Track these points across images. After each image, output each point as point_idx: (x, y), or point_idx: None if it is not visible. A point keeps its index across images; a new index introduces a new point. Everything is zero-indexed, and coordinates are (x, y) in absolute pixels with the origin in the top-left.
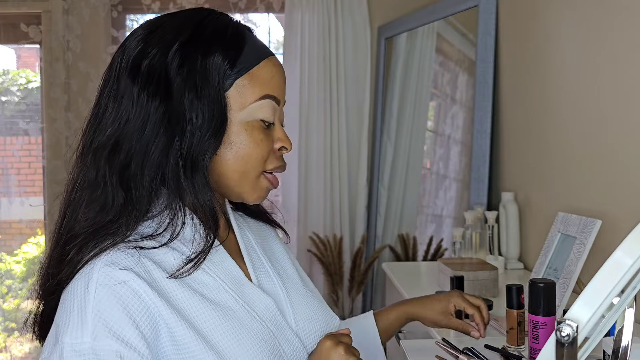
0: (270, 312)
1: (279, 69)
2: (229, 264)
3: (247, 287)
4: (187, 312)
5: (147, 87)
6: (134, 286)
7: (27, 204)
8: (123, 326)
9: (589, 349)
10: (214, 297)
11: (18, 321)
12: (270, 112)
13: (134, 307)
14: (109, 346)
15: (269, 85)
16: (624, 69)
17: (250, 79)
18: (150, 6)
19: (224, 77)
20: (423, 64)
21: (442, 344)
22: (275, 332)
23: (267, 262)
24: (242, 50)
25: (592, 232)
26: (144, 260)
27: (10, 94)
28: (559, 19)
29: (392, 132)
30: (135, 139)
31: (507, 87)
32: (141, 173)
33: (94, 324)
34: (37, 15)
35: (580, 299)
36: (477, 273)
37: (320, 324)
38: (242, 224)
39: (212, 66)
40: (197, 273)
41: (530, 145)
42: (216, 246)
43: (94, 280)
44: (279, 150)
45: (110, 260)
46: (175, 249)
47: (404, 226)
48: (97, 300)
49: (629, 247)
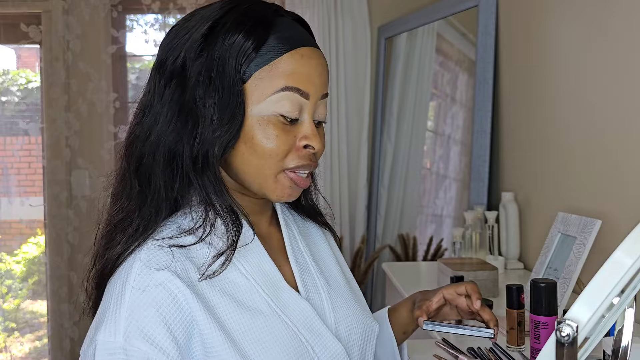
0: (306, 318)
1: (309, 60)
2: (267, 265)
3: (283, 290)
4: (219, 313)
5: (166, 79)
6: (170, 287)
7: (27, 204)
8: (155, 329)
9: (589, 349)
10: (245, 300)
11: (18, 321)
12: (292, 106)
13: (168, 310)
14: (139, 348)
15: (291, 78)
16: (624, 69)
17: (269, 70)
18: (150, 6)
19: (242, 69)
20: (423, 64)
21: (441, 344)
22: (309, 338)
23: (312, 263)
24: (265, 41)
25: (592, 232)
26: (181, 258)
27: (10, 94)
28: (559, 19)
29: (392, 132)
30: (152, 131)
31: (507, 87)
32: (154, 165)
33: (126, 324)
34: (37, 15)
35: (580, 299)
36: (477, 273)
37: (361, 329)
38: (290, 221)
39: (229, 57)
40: (232, 273)
41: (531, 145)
42: (250, 244)
43: (130, 282)
44: (305, 148)
45: (148, 259)
46: (211, 244)
47: (404, 226)
48: (132, 301)
49: (629, 247)
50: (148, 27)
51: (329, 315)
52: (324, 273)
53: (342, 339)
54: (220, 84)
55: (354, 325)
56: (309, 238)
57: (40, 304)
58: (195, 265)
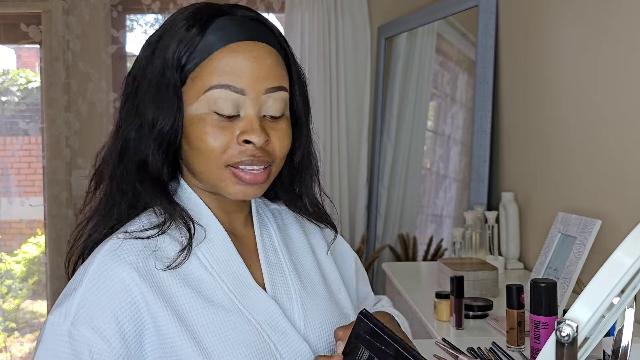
0: (271, 316)
1: (243, 54)
2: (235, 263)
3: (250, 288)
4: (181, 306)
5: (126, 90)
6: (126, 280)
7: (27, 204)
8: (104, 319)
9: (589, 349)
10: (210, 295)
11: (18, 321)
12: (224, 103)
13: (121, 303)
14: (84, 334)
15: (221, 74)
16: (624, 69)
17: (202, 69)
18: (150, 6)
19: (178, 71)
20: (423, 64)
21: (442, 344)
22: (272, 336)
23: (288, 263)
24: (200, 41)
25: (592, 232)
26: (145, 250)
27: (10, 94)
28: (559, 19)
29: (392, 132)
30: (112, 137)
31: (507, 87)
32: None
33: (77, 309)
34: (37, 15)
35: (580, 299)
36: (477, 273)
37: (331, 329)
38: (270, 222)
39: (167, 61)
40: (197, 270)
41: (531, 145)
42: (219, 241)
43: (90, 270)
44: (246, 144)
45: (112, 248)
46: (176, 240)
47: (404, 226)
48: (87, 289)
49: (629, 247)
50: (148, 27)
51: (298, 316)
52: (299, 275)
53: (311, 340)
54: (158, 90)
55: (326, 327)
56: (291, 239)
57: (40, 304)
58: (159, 257)
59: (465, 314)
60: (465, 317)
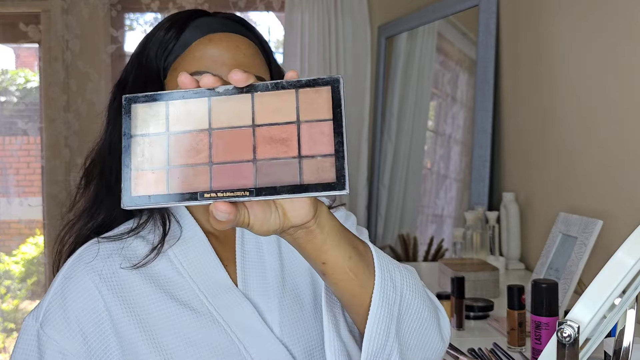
0: (243, 317)
1: (219, 43)
2: (210, 263)
3: (225, 290)
4: (145, 307)
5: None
6: (88, 286)
7: (25, 204)
8: (68, 323)
9: (590, 350)
10: (179, 296)
11: (17, 321)
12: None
13: (82, 306)
14: (49, 335)
15: (199, 62)
16: (625, 69)
17: (182, 60)
18: (150, 5)
19: (161, 65)
20: (423, 64)
21: None
22: (242, 337)
23: (274, 262)
24: (180, 36)
25: (594, 232)
26: (112, 254)
27: (8, 93)
28: (560, 18)
29: (392, 132)
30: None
31: (508, 87)
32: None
33: (45, 311)
34: (36, 14)
35: (582, 299)
36: (477, 274)
37: (315, 334)
38: None
39: (150, 61)
40: (167, 270)
41: (532, 145)
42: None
43: (61, 273)
44: None
45: (80, 254)
46: (149, 243)
47: (404, 226)
48: (55, 292)
49: (630, 247)
50: (147, 26)
51: (274, 317)
52: (284, 277)
53: (287, 341)
54: (145, 85)
55: (305, 329)
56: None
57: None
58: (127, 257)
59: (466, 315)
60: (466, 317)
